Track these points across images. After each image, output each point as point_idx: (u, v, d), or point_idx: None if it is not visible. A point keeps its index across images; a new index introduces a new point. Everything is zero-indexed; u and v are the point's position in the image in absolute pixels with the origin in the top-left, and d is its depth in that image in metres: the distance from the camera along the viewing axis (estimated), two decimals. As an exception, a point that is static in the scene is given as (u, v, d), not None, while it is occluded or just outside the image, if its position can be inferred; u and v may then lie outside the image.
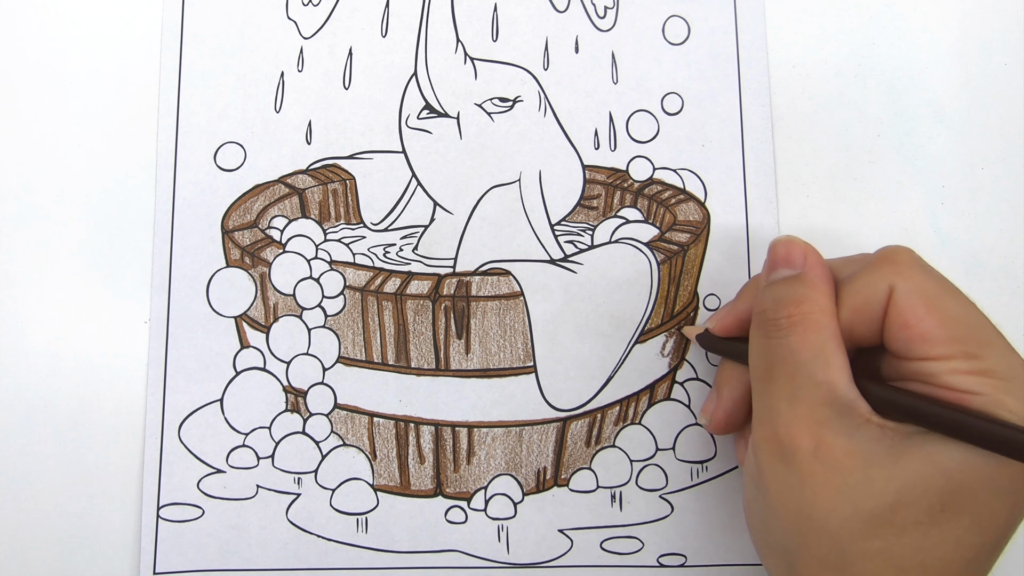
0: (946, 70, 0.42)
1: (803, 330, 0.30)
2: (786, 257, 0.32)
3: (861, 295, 0.30)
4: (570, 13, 0.42)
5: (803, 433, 0.29)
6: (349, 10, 0.42)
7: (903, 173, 0.42)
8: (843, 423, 0.28)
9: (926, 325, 0.28)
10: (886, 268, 0.30)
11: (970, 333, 0.28)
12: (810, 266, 0.32)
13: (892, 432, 0.28)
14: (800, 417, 0.29)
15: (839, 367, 0.29)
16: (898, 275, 0.29)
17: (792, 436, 0.29)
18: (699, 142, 0.41)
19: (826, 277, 0.31)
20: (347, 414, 0.39)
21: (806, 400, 0.29)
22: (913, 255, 0.30)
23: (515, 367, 0.39)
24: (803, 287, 0.31)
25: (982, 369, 0.27)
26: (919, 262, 0.30)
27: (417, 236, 0.40)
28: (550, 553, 0.38)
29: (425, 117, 0.41)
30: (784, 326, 0.30)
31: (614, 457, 0.39)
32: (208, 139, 0.40)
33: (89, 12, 0.42)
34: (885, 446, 0.28)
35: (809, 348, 0.29)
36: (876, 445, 0.28)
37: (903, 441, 0.28)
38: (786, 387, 0.30)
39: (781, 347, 0.30)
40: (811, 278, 0.31)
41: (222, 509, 0.38)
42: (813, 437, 0.28)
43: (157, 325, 0.39)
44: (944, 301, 0.29)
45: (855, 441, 0.28)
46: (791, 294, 0.31)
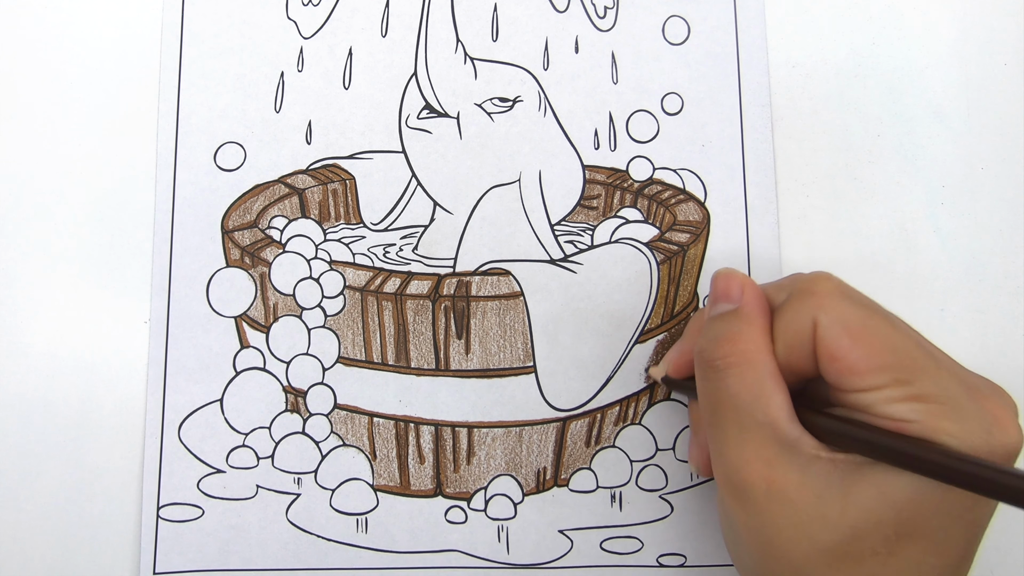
0: (946, 70, 0.42)
1: (740, 371, 0.29)
2: (724, 291, 0.32)
3: (790, 330, 0.29)
4: (570, 13, 0.42)
5: (753, 474, 0.29)
6: (349, 10, 0.42)
7: (903, 173, 0.42)
8: (791, 460, 0.28)
9: (852, 357, 0.28)
10: (807, 301, 0.29)
11: (898, 359, 0.27)
12: (746, 300, 0.31)
13: (842, 464, 0.28)
14: (749, 458, 0.29)
15: (778, 405, 0.29)
16: (819, 308, 0.29)
17: (743, 478, 0.29)
18: (699, 142, 0.41)
19: (762, 311, 0.31)
20: (347, 414, 0.39)
21: (752, 441, 0.29)
22: (832, 283, 0.30)
23: (515, 367, 0.39)
24: (739, 322, 0.31)
25: (915, 395, 0.27)
26: (840, 289, 0.29)
27: (417, 236, 0.40)
28: (550, 553, 0.38)
29: (425, 117, 0.41)
30: (721, 367, 0.30)
31: (614, 457, 0.39)
32: (208, 139, 0.40)
33: (89, 12, 0.42)
34: (836, 479, 0.28)
35: (747, 389, 0.29)
36: (827, 479, 0.28)
37: (853, 472, 0.27)
38: (731, 429, 0.29)
39: (722, 390, 0.30)
40: (747, 313, 0.31)
41: (222, 509, 0.38)
42: (763, 478, 0.28)
43: (157, 325, 0.39)
44: (868, 329, 0.28)
45: (806, 476, 0.28)
46: (727, 331, 0.31)
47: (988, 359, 0.40)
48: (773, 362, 0.30)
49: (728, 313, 0.31)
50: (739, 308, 0.31)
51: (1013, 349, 0.40)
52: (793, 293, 0.30)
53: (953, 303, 0.41)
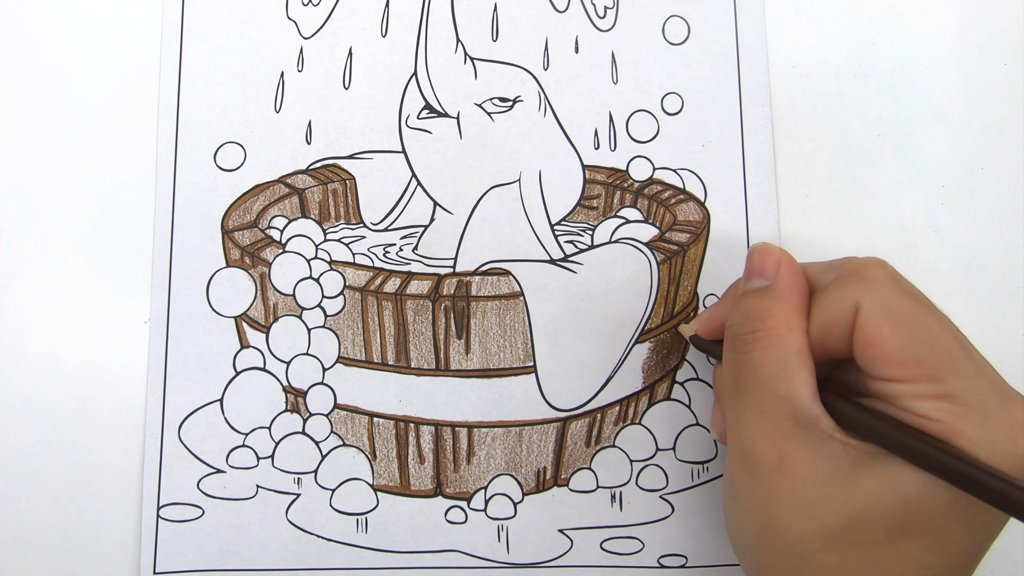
0: (946, 70, 0.42)
1: (767, 345, 0.30)
2: (759, 267, 0.32)
3: (830, 310, 0.29)
4: (570, 13, 0.42)
5: (767, 446, 0.29)
6: (349, 10, 0.42)
7: (903, 173, 0.42)
8: (806, 438, 0.28)
9: (889, 346, 0.28)
10: (854, 284, 0.29)
11: (935, 355, 0.27)
12: (781, 277, 0.31)
13: (855, 450, 0.28)
14: (764, 431, 0.29)
15: (802, 383, 0.29)
16: (866, 292, 0.29)
17: (756, 449, 0.29)
18: (699, 142, 0.41)
19: (797, 289, 0.31)
20: (347, 414, 0.39)
21: (770, 414, 0.29)
22: (885, 270, 0.29)
23: (515, 367, 0.39)
24: (771, 300, 0.31)
25: (943, 393, 0.27)
26: (891, 278, 0.29)
27: (417, 236, 0.40)
28: (550, 553, 0.38)
29: (425, 117, 0.41)
30: (749, 341, 0.30)
31: (614, 457, 0.39)
32: (208, 139, 0.40)
33: (89, 12, 0.42)
34: (847, 463, 0.28)
35: (772, 364, 0.29)
36: (838, 462, 0.28)
37: (865, 460, 0.27)
38: (751, 401, 0.30)
39: (746, 362, 0.30)
40: (780, 290, 0.31)
41: (222, 509, 0.38)
42: (776, 451, 0.29)
43: (157, 325, 0.39)
44: (911, 321, 0.28)
45: (818, 456, 0.28)
46: (758, 308, 0.31)
47: (988, 359, 0.40)
48: (803, 340, 0.29)
49: (761, 290, 0.31)
50: (772, 286, 0.31)
51: (1013, 349, 0.40)
52: (842, 275, 0.30)
53: (953, 303, 0.41)
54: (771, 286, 0.31)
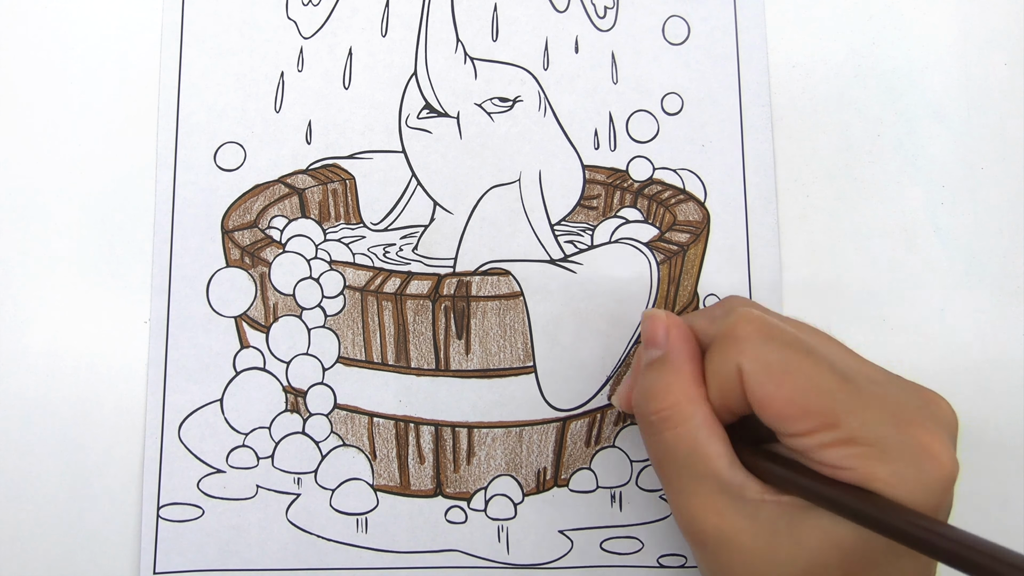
0: (946, 70, 0.42)
1: (673, 425, 0.29)
2: (651, 336, 0.31)
3: (719, 376, 0.29)
4: (570, 13, 0.42)
5: (705, 523, 0.29)
6: (349, 10, 0.42)
7: (903, 173, 0.42)
8: (739, 507, 0.28)
9: (779, 403, 0.27)
10: (729, 346, 0.29)
11: (822, 401, 0.27)
12: (671, 346, 0.31)
13: (788, 506, 0.28)
14: (698, 509, 0.29)
15: (717, 454, 0.29)
16: (740, 354, 0.28)
17: (698, 528, 0.29)
18: (699, 142, 0.41)
19: (689, 355, 0.30)
20: (347, 414, 0.39)
21: (698, 493, 0.29)
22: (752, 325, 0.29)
23: (515, 367, 0.39)
24: (667, 374, 0.30)
25: (844, 438, 0.26)
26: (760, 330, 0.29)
27: (417, 236, 0.40)
28: (550, 553, 0.38)
29: (425, 117, 0.41)
30: (656, 423, 0.30)
31: (614, 457, 0.39)
32: (208, 139, 0.40)
33: (89, 12, 0.42)
34: (784, 523, 0.27)
35: (683, 444, 0.29)
36: (775, 523, 0.28)
37: (798, 514, 0.27)
38: (677, 482, 0.30)
39: (660, 444, 0.30)
40: (672, 360, 0.30)
41: (222, 509, 0.38)
42: (714, 527, 0.28)
43: (157, 325, 0.39)
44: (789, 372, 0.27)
45: (755, 522, 0.28)
46: (656, 385, 0.30)
47: (988, 359, 0.40)
48: (706, 409, 0.29)
49: (656, 362, 0.31)
50: (665, 355, 0.31)
51: (1013, 349, 0.40)
52: (717, 337, 0.30)
53: (953, 303, 0.41)
54: (665, 357, 0.31)
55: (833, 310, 0.40)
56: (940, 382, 0.40)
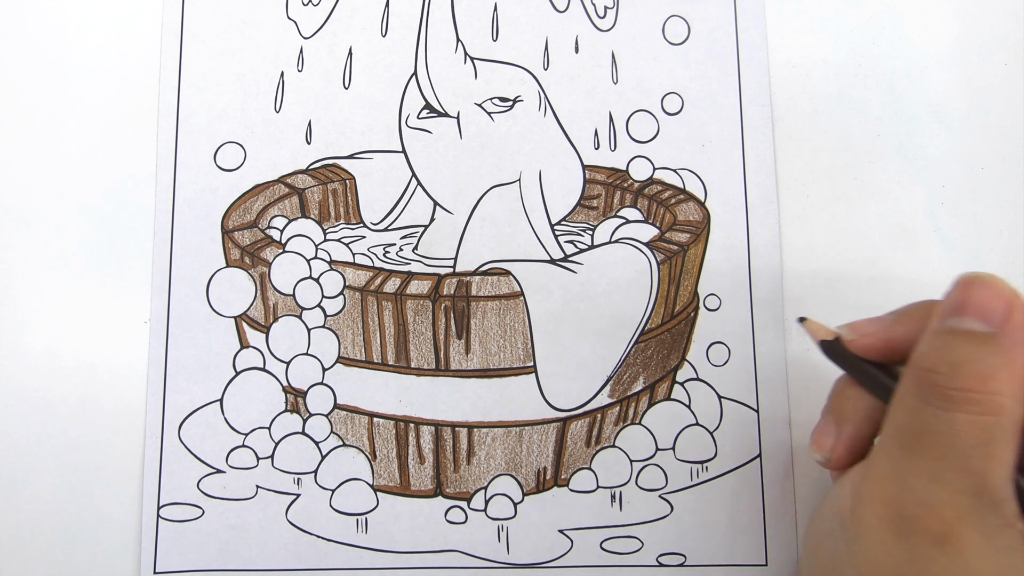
0: (946, 70, 0.42)
1: (979, 412, 0.25)
2: (981, 306, 0.26)
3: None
4: (570, 13, 0.42)
5: (933, 517, 0.25)
6: (349, 10, 0.42)
7: (903, 173, 0.42)
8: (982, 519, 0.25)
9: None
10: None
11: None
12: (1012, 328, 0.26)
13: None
14: (936, 500, 0.25)
15: (1002, 460, 0.25)
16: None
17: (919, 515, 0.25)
18: (699, 142, 0.41)
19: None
20: (347, 414, 0.39)
21: (949, 485, 0.25)
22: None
23: (515, 367, 0.39)
24: (995, 358, 0.25)
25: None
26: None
27: (417, 236, 0.40)
28: (550, 553, 0.38)
29: (425, 117, 0.41)
30: (957, 400, 0.25)
31: (614, 457, 0.39)
32: (208, 139, 0.40)
33: (89, 12, 0.42)
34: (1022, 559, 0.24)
35: (975, 434, 0.25)
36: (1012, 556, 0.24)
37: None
38: (930, 465, 0.26)
39: (941, 420, 0.25)
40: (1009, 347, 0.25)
41: (222, 509, 0.38)
42: (943, 523, 0.25)
43: (157, 325, 0.39)
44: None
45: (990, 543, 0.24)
46: (977, 363, 0.25)
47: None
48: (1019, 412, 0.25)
49: (981, 339, 0.26)
50: (999, 338, 0.26)
51: (1013, 349, 0.40)
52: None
53: (953, 303, 0.41)
54: (995, 337, 0.26)
55: (833, 310, 0.40)
56: (940, 382, 0.40)
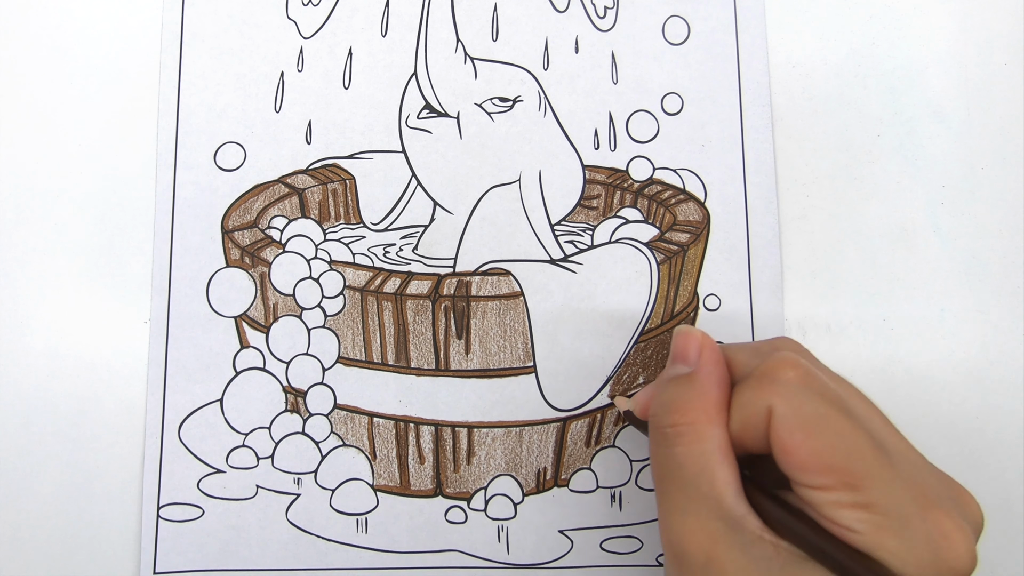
0: (946, 70, 0.42)
1: (687, 441, 0.29)
2: (682, 351, 0.31)
3: (746, 410, 0.29)
4: (570, 13, 0.42)
5: (694, 545, 0.28)
6: (349, 10, 0.42)
7: (903, 173, 0.42)
8: (734, 538, 0.27)
9: (803, 453, 0.27)
10: (766, 386, 0.28)
11: (848, 462, 0.26)
12: (702, 366, 0.30)
13: (784, 552, 0.27)
14: (691, 530, 0.28)
15: (725, 481, 0.28)
16: (777, 395, 0.28)
17: (684, 548, 0.28)
18: (699, 142, 0.41)
19: (717, 379, 0.30)
20: (347, 414, 0.39)
21: (696, 514, 0.28)
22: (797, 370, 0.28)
23: (515, 367, 0.39)
24: (691, 392, 0.30)
25: (862, 503, 0.26)
26: (802, 380, 0.28)
27: (417, 236, 0.40)
28: (550, 553, 0.38)
29: (425, 117, 0.41)
30: (670, 435, 0.29)
31: (614, 457, 0.39)
32: (208, 139, 0.40)
33: (89, 12, 0.42)
34: (776, 566, 0.27)
35: (694, 462, 0.29)
36: (768, 564, 0.27)
37: (794, 564, 0.27)
38: (677, 498, 0.29)
39: (670, 458, 0.29)
40: (701, 380, 0.30)
41: (222, 509, 0.38)
42: (704, 551, 0.28)
43: (157, 325, 0.39)
44: (822, 427, 0.27)
45: (747, 558, 0.27)
46: (678, 399, 0.30)
47: (988, 359, 0.40)
48: (724, 435, 0.29)
49: (682, 378, 0.31)
50: (693, 374, 0.30)
51: (1013, 349, 0.40)
52: (755, 373, 0.29)
53: (953, 303, 0.41)
54: (692, 375, 0.30)
55: (833, 310, 0.40)
56: (940, 382, 0.40)
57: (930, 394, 0.40)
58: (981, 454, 0.40)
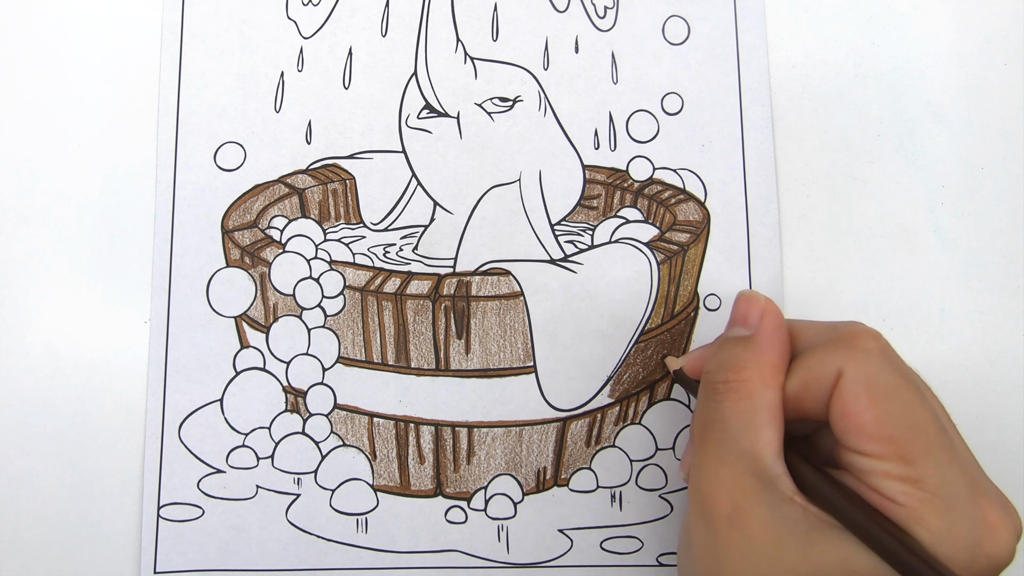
0: (946, 70, 0.42)
1: (737, 397, 0.29)
2: (743, 315, 0.31)
3: (812, 371, 0.29)
4: (570, 13, 0.42)
5: (723, 497, 0.28)
6: (349, 10, 0.42)
7: (903, 173, 0.42)
8: (764, 495, 0.28)
9: (865, 418, 0.27)
10: (842, 350, 0.28)
11: (909, 435, 0.27)
12: (763, 329, 0.31)
13: (813, 516, 0.27)
14: (722, 482, 0.29)
15: (767, 440, 0.29)
16: (852, 360, 0.28)
17: (712, 498, 0.29)
18: (699, 142, 0.41)
19: (777, 343, 0.30)
20: (347, 414, 0.39)
21: (731, 466, 0.29)
22: (878, 342, 0.29)
23: (515, 367, 0.39)
24: (748, 352, 0.30)
25: (912, 477, 0.26)
26: (881, 351, 0.28)
27: (417, 236, 0.40)
28: (550, 553, 0.38)
29: (425, 117, 0.41)
30: (721, 391, 0.30)
31: (614, 457, 0.39)
32: (208, 139, 0.40)
33: (89, 12, 0.42)
34: (802, 528, 0.27)
35: (740, 416, 0.29)
36: (793, 525, 0.27)
37: (820, 529, 0.27)
38: (714, 451, 0.29)
39: (715, 411, 0.30)
40: (759, 343, 0.30)
41: (222, 509, 0.38)
42: (732, 503, 0.28)
43: (157, 325, 0.39)
44: (891, 397, 0.27)
45: (773, 516, 0.27)
46: (734, 358, 0.30)
47: (988, 359, 0.40)
48: (775, 396, 0.29)
49: (740, 339, 0.31)
50: (752, 337, 0.31)
51: (1013, 349, 0.40)
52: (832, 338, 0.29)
53: (953, 303, 0.41)
54: (751, 337, 0.31)
55: (833, 310, 0.40)
56: (940, 382, 0.40)
57: (930, 394, 0.40)
58: (981, 454, 0.39)
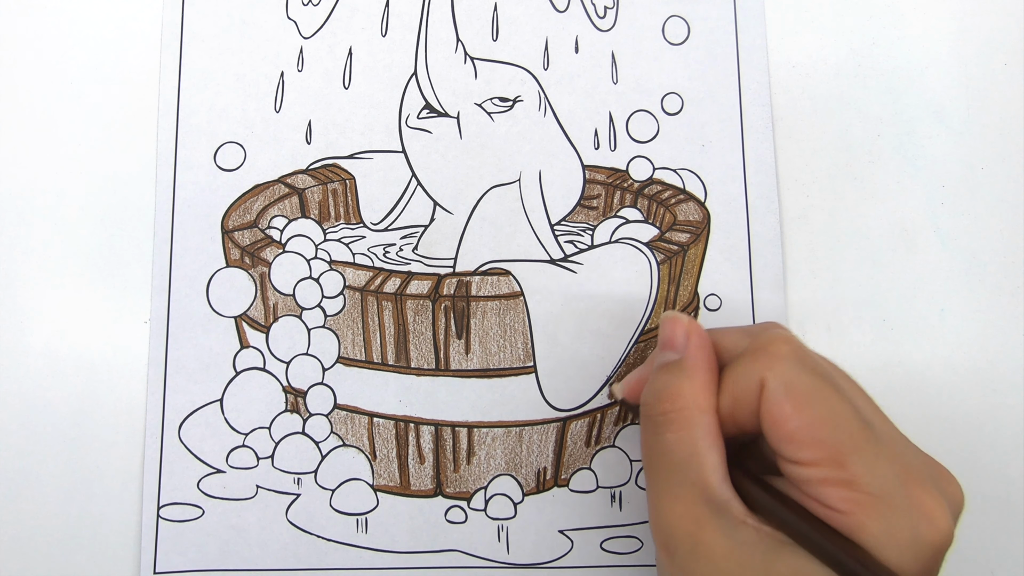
0: (946, 70, 0.42)
1: (677, 428, 0.29)
2: (670, 339, 0.31)
3: (738, 385, 0.29)
4: (570, 13, 0.42)
5: (681, 530, 0.28)
6: (349, 10, 0.42)
7: (903, 173, 0.42)
8: (719, 523, 0.28)
9: (792, 424, 0.27)
10: (760, 360, 0.29)
11: (836, 435, 0.27)
12: (690, 352, 0.31)
13: (767, 537, 0.27)
14: (679, 515, 0.29)
15: (712, 466, 0.29)
16: (769, 369, 0.28)
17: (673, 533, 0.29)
18: (699, 142, 0.41)
19: (705, 363, 0.30)
20: (347, 414, 0.39)
21: (683, 498, 0.29)
22: (790, 345, 0.29)
23: (515, 367, 0.39)
24: (680, 379, 0.30)
25: (846, 479, 0.26)
26: (794, 354, 0.29)
27: (417, 236, 0.40)
28: (550, 553, 0.38)
29: (425, 117, 0.41)
30: (661, 423, 0.30)
31: (614, 457, 0.39)
32: (208, 139, 0.40)
33: (89, 12, 0.42)
34: (760, 550, 0.27)
35: (683, 448, 0.29)
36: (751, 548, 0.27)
37: (776, 549, 0.27)
38: (665, 484, 0.29)
39: (658, 444, 0.30)
40: (689, 367, 0.30)
41: (222, 509, 0.38)
42: (690, 536, 0.28)
43: (157, 325, 0.39)
44: (812, 399, 0.28)
45: (732, 542, 0.27)
46: (668, 387, 0.30)
47: (988, 359, 0.40)
48: (712, 419, 0.29)
49: (671, 365, 0.31)
50: (681, 360, 0.31)
51: (1013, 349, 0.40)
52: (747, 349, 0.30)
53: (953, 303, 0.41)
54: (680, 361, 0.31)
55: (833, 310, 0.40)
56: (940, 382, 0.40)
57: (930, 394, 0.40)
58: (981, 453, 0.40)
